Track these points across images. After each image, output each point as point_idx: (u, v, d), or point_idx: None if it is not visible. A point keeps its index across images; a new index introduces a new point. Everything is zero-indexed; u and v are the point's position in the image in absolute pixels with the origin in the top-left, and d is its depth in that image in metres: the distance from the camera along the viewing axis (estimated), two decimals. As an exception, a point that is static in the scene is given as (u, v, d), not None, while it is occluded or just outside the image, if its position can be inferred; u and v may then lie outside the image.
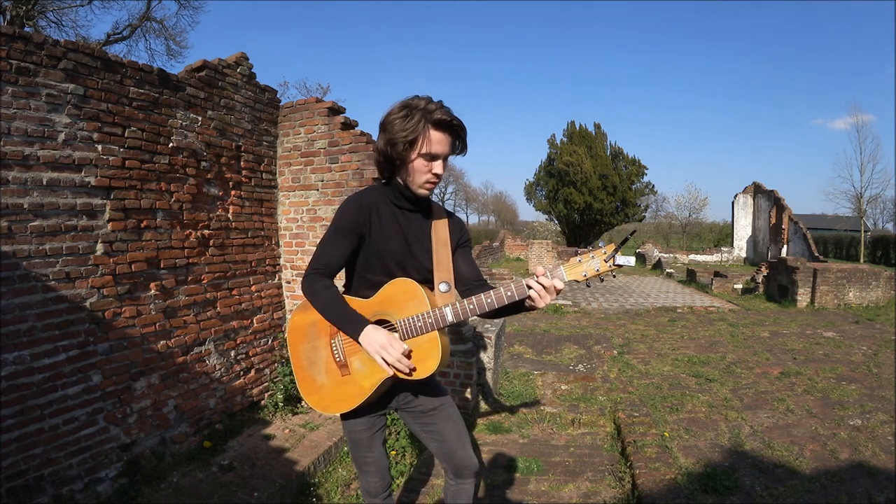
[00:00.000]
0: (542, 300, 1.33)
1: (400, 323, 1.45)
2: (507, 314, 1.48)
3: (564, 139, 26.17)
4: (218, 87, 3.24)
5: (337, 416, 3.18)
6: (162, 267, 2.89)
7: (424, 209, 1.58)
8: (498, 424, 3.59)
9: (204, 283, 3.17)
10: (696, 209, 30.28)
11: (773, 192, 19.46)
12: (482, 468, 2.99)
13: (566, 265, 1.35)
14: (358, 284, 1.56)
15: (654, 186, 26.58)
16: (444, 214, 1.63)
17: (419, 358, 1.43)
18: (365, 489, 1.75)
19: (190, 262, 3.07)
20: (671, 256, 20.68)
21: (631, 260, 1.31)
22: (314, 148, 3.64)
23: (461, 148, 1.49)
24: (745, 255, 21.30)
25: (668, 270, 15.71)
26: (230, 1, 57.59)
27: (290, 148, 3.75)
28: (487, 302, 1.38)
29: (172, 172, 2.94)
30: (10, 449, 2.17)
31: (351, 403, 1.51)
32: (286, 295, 3.88)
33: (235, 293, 3.42)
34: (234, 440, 3.12)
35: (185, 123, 3.01)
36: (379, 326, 1.44)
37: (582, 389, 4.34)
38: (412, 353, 1.43)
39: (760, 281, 11.24)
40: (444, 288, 1.50)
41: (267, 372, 3.70)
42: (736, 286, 11.57)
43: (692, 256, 21.58)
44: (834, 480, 2.78)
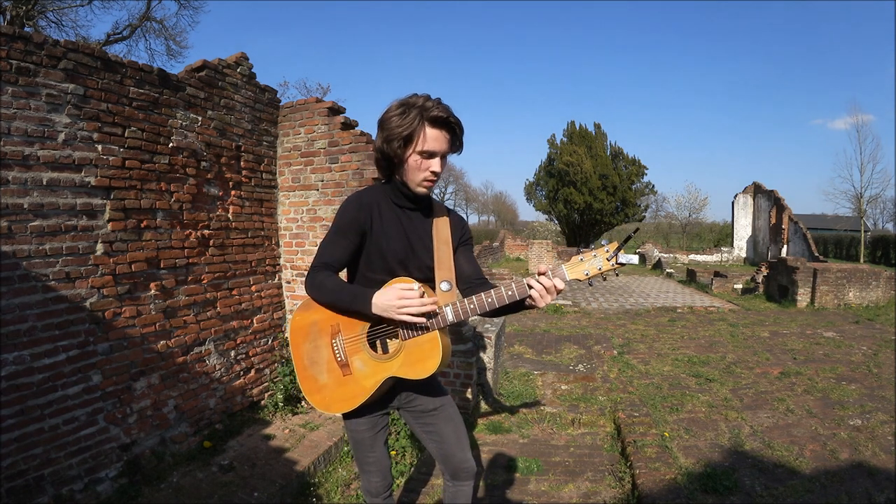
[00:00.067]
0: (542, 300, 1.33)
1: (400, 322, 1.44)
2: (507, 313, 1.48)
3: (564, 139, 26.20)
4: (218, 87, 3.24)
5: (337, 415, 3.19)
6: (162, 267, 2.89)
7: (425, 207, 1.58)
8: (498, 424, 3.59)
9: (204, 283, 3.17)
10: (696, 209, 30.34)
11: (773, 192, 19.48)
12: (482, 468, 2.99)
13: (568, 264, 1.35)
14: (360, 283, 1.56)
15: (654, 186, 26.69)
16: (445, 212, 1.63)
17: (420, 358, 1.43)
18: (366, 489, 1.75)
19: (190, 262, 3.07)
20: (671, 256, 20.69)
21: (633, 258, 1.31)
22: (314, 148, 3.64)
23: (458, 146, 1.48)
24: (745, 255, 21.31)
25: (668, 270, 15.71)
26: (230, 1, 57.65)
27: (290, 148, 3.75)
28: (488, 301, 1.38)
29: (172, 172, 2.94)
30: (10, 449, 2.17)
31: (353, 403, 1.51)
32: (286, 295, 3.88)
33: (235, 293, 3.42)
34: (234, 440, 3.12)
35: (185, 123, 3.01)
36: (385, 286, 1.41)
37: (582, 389, 4.34)
38: (413, 353, 1.43)
39: (760, 281, 11.24)
40: (445, 287, 1.50)
41: (267, 372, 3.70)
42: (736, 286, 11.58)
43: (692, 256, 21.60)
44: (834, 480, 2.78)
